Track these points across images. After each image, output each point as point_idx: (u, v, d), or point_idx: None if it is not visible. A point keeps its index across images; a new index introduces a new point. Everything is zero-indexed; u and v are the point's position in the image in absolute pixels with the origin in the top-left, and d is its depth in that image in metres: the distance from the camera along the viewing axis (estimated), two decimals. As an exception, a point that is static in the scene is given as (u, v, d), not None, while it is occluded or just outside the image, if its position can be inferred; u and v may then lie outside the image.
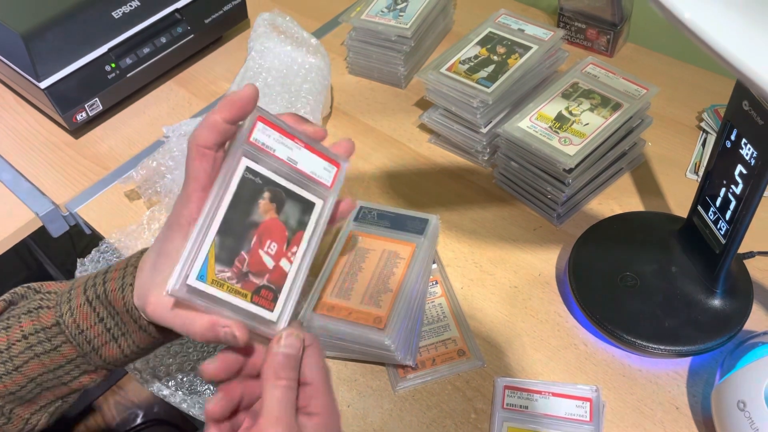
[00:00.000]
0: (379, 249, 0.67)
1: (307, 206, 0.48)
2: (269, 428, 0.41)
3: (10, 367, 0.51)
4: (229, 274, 0.45)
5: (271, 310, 0.46)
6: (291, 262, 0.47)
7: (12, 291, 0.55)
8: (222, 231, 0.44)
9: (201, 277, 0.44)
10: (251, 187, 0.46)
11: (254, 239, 0.46)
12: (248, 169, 0.45)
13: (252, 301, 0.45)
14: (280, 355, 0.43)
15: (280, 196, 0.47)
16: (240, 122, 0.45)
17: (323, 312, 0.61)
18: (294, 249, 0.47)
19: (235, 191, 0.45)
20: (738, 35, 0.22)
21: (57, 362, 0.51)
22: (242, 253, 0.45)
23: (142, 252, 0.51)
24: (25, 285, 0.56)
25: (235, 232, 0.45)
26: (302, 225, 0.48)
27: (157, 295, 0.46)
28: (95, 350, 0.51)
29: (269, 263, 0.46)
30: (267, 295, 0.46)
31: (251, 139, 0.45)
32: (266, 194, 0.46)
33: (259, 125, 0.46)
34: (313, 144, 0.48)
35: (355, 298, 0.63)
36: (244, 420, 0.45)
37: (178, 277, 0.43)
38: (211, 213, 0.44)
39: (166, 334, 0.51)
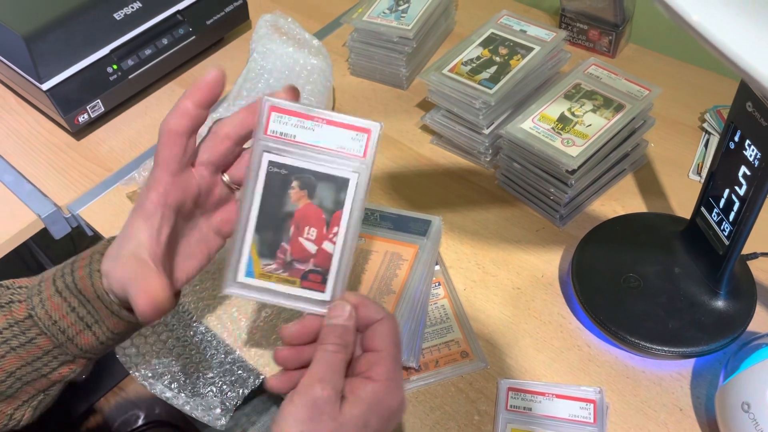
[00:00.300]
0: (381, 251, 0.67)
1: (341, 183, 0.47)
2: (311, 384, 0.44)
3: None
4: (274, 266, 0.48)
5: (323, 291, 0.48)
6: (334, 243, 0.48)
7: None
8: (259, 228, 0.48)
9: (249, 274, 0.48)
10: (278, 179, 0.47)
11: (292, 228, 0.48)
12: (271, 163, 0.47)
13: (302, 287, 0.48)
14: (329, 326, 0.47)
15: (310, 181, 0.47)
16: (210, 107, 0.46)
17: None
18: (335, 229, 0.48)
19: (264, 187, 0.47)
20: (745, 37, 0.22)
21: (34, 354, 0.51)
22: (282, 244, 0.48)
23: (109, 240, 0.51)
24: None
25: (272, 226, 0.48)
26: (339, 204, 0.48)
27: (125, 273, 0.47)
28: (70, 339, 0.51)
29: (311, 248, 0.48)
30: (315, 278, 0.48)
31: (268, 132, 0.46)
32: (294, 183, 0.47)
33: (274, 116, 0.46)
34: (336, 117, 0.47)
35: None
36: None
37: (229, 278, 0.48)
38: (245, 213, 0.47)
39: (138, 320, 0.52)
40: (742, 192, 0.55)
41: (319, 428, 0.42)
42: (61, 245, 1.30)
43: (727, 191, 0.57)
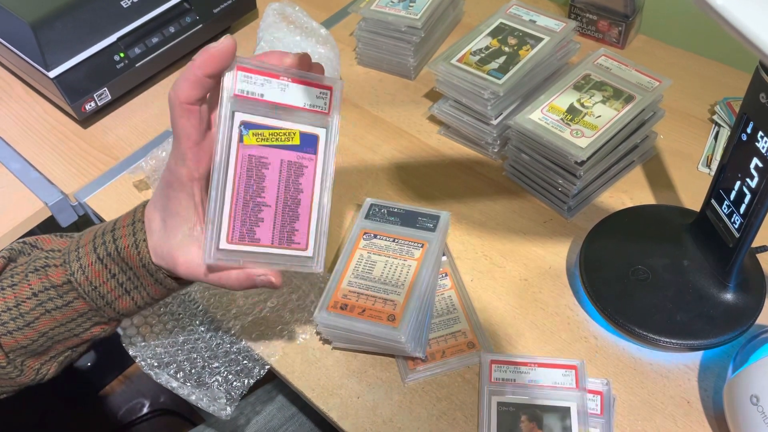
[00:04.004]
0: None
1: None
2: None
3: (21, 323, 0.51)
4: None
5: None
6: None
7: (9, 248, 0.55)
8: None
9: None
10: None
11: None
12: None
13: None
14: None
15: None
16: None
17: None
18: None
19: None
20: None
21: (69, 316, 0.52)
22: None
23: (144, 205, 0.51)
24: (21, 240, 0.56)
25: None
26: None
27: (186, 255, 0.48)
28: (109, 304, 0.51)
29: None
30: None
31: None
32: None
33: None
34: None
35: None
36: None
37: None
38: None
39: (182, 284, 0.53)
40: (753, 184, 0.54)
41: None
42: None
43: (738, 183, 0.56)
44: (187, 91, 0.44)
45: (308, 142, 0.48)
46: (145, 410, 1.48)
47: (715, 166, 0.75)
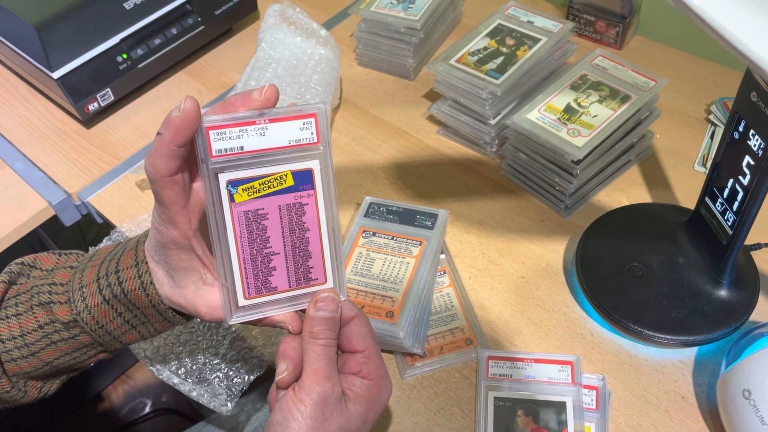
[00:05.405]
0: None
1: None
2: (312, 382, 0.45)
3: (25, 352, 0.52)
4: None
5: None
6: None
7: (7, 270, 0.55)
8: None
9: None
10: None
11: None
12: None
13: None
14: (317, 319, 0.46)
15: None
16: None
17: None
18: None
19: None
20: (746, 23, 0.23)
21: (74, 347, 0.52)
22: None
23: (142, 242, 0.50)
24: (18, 261, 0.56)
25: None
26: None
27: (207, 303, 0.48)
28: (115, 339, 0.52)
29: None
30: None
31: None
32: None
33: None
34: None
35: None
36: None
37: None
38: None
39: (188, 319, 0.53)
40: (745, 182, 0.55)
41: (329, 425, 0.44)
42: (69, 233, 1.32)
43: (731, 181, 0.57)
44: (164, 165, 0.42)
45: (303, 179, 0.45)
46: (147, 410, 1.49)
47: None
